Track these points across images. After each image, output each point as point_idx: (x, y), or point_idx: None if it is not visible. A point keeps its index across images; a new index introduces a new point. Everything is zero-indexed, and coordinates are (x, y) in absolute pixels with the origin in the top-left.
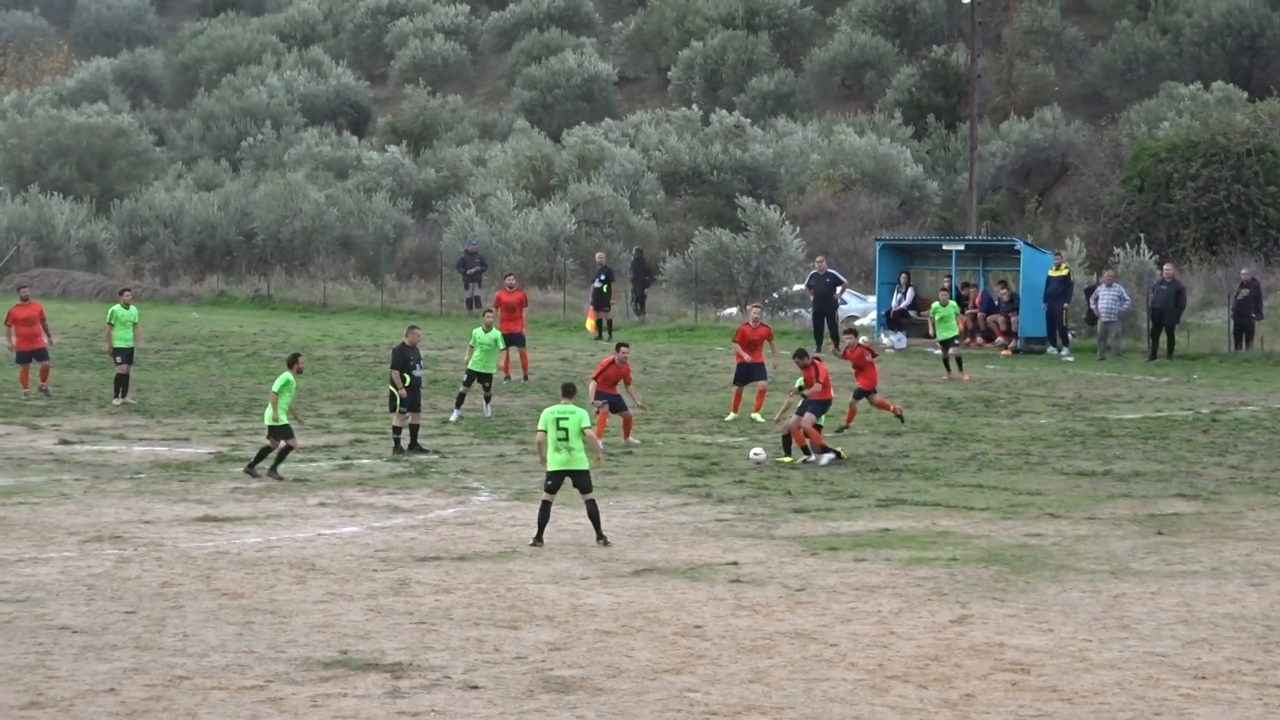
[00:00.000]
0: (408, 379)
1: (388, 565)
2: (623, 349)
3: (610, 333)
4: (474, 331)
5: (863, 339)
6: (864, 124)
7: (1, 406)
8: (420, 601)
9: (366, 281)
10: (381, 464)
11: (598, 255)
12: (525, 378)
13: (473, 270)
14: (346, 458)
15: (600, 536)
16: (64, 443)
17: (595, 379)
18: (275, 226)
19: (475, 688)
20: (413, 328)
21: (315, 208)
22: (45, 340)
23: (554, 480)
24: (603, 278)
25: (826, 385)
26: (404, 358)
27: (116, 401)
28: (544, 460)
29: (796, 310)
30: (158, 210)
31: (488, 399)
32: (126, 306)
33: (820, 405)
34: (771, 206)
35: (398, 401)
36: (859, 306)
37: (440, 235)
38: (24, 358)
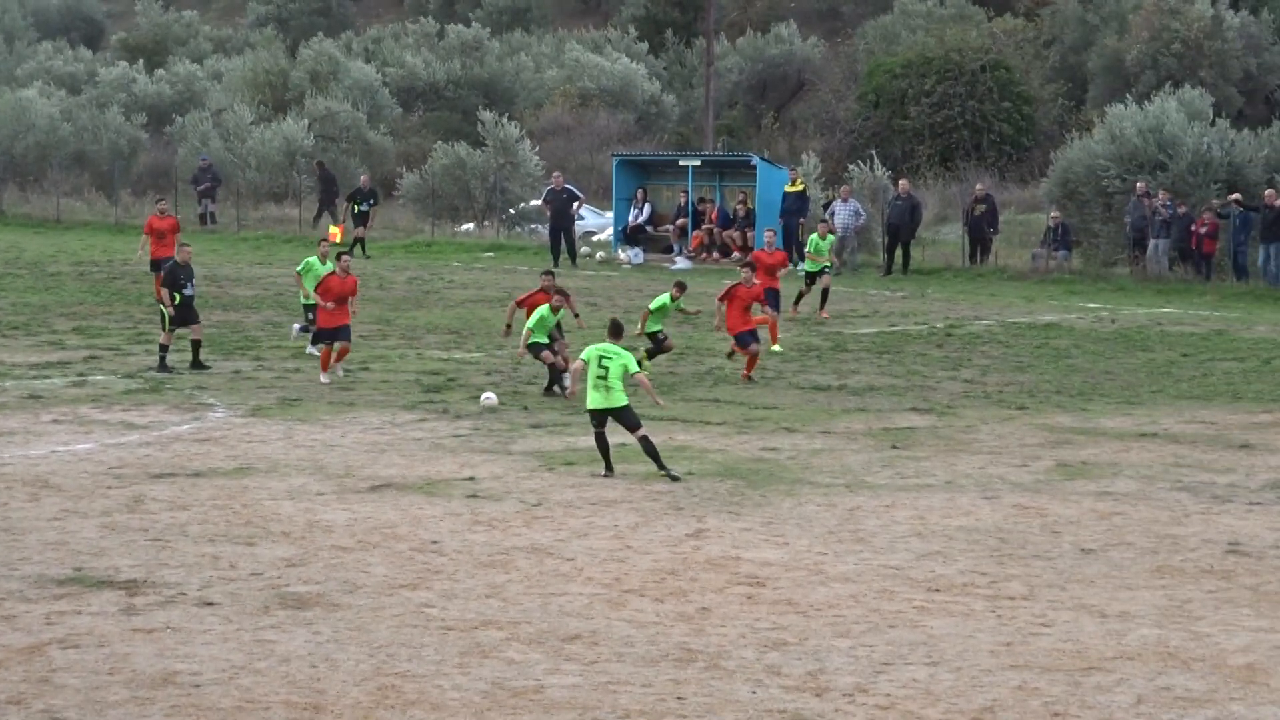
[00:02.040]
0: (178, 297)
1: (122, 482)
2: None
3: (364, 251)
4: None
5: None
6: (600, 40)
7: None
8: (155, 518)
9: (101, 197)
10: (115, 380)
11: (362, 178)
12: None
13: (205, 186)
14: (80, 374)
15: (663, 469)
16: None
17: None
18: (8, 142)
19: (211, 604)
20: (183, 245)
21: (48, 123)
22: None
23: (597, 419)
24: (370, 201)
25: None
26: (174, 276)
27: None
28: (573, 387)
29: (533, 226)
30: None
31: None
32: None
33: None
34: (510, 122)
35: (166, 320)
36: (596, 222)
37: (175, 151)
38: (156, 266)
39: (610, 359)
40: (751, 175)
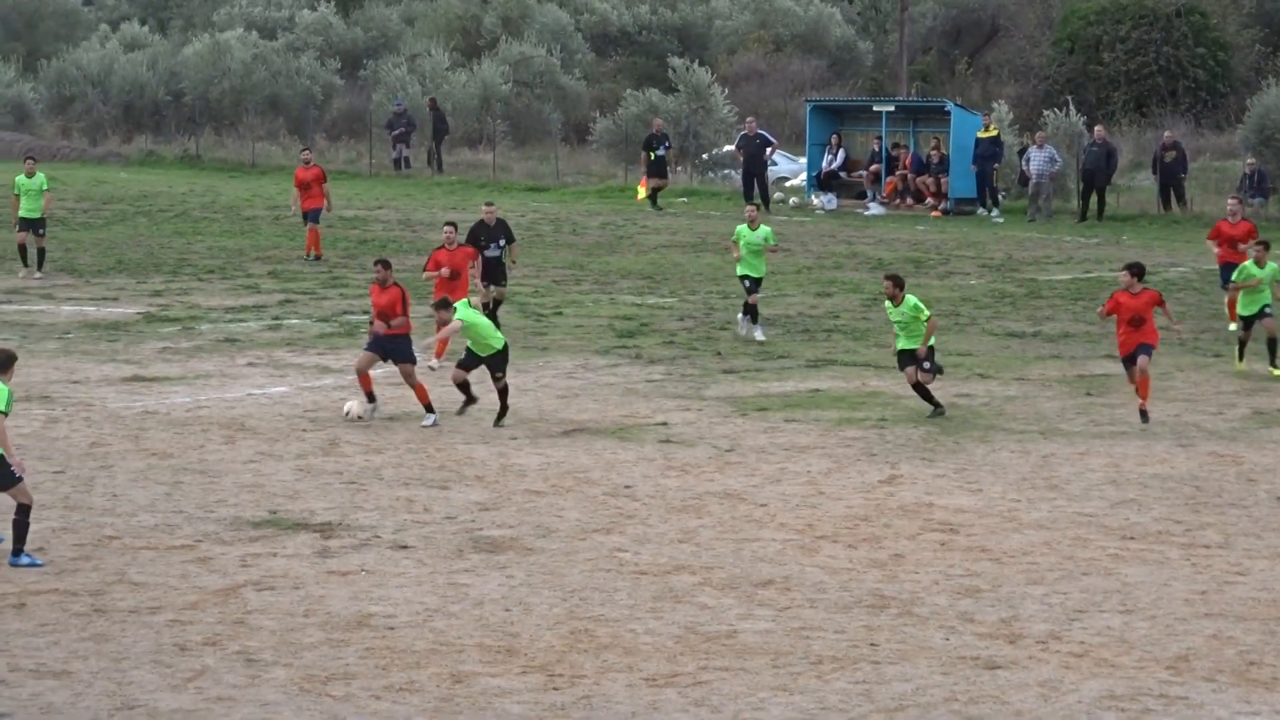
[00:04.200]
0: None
1: (317, 425)
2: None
3: (655, 203)
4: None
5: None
6: None
7: None
8: (350, 461)
9: (295, 142)
10: (310, 324)
11: (655, 122)
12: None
13: (399, 131)
14: (276, 318)
15: (935, 407)
16: None
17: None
18: (204, 86)
19: (405, 547)
20: (488, 205)
21: (244, 67)
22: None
23: (901, 360)
24: (666, 144)
25: None
26: (476, 235)
27: (21, 274)
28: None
29: (726, 171)
30: (86, 70)
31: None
32: (30, 175)
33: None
34: (702, 68)
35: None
36: (789, 168)
37: (369, 95)
38: (307, 218)
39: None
40: (945, 121)
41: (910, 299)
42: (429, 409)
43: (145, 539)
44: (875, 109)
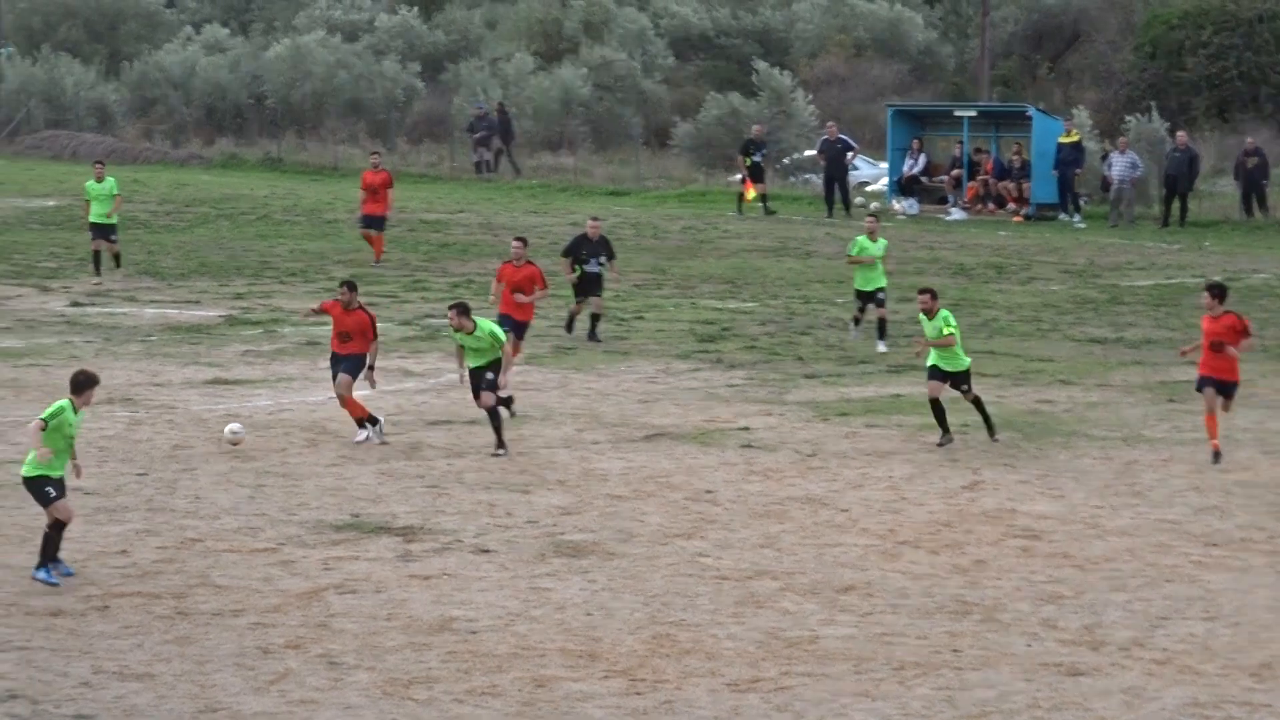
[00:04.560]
0: (579, 270)
1: (399, 429)
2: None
3: (766, 207)
4: None
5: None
6: None
7: (13, 269)
8: (431, 465)
9: (377, 144)
10: (392, 327)
11: (754, 128)
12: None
13: (481, 134)
14: None
15: (990, 430)
16: (75, 304)
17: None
18: (285, 89)
19: (487, 551)
20: (594, 220)
21: (325, 70)
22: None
23: (931, 374)
24: (764, 150)
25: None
26: (576, 248)
27: (93, 282)
28: (920, 354)
29: (807, 176)
30: (168, 72)
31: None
32: (100, 180)
33: None
34: (783, 72)
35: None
36: (870, 172)
37: (450, 99)
38: (368, 222)
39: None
40: (1027, 126)
41: (943, 312)
42: (361, 423)
43: (228, 542)
44: (957, 114)
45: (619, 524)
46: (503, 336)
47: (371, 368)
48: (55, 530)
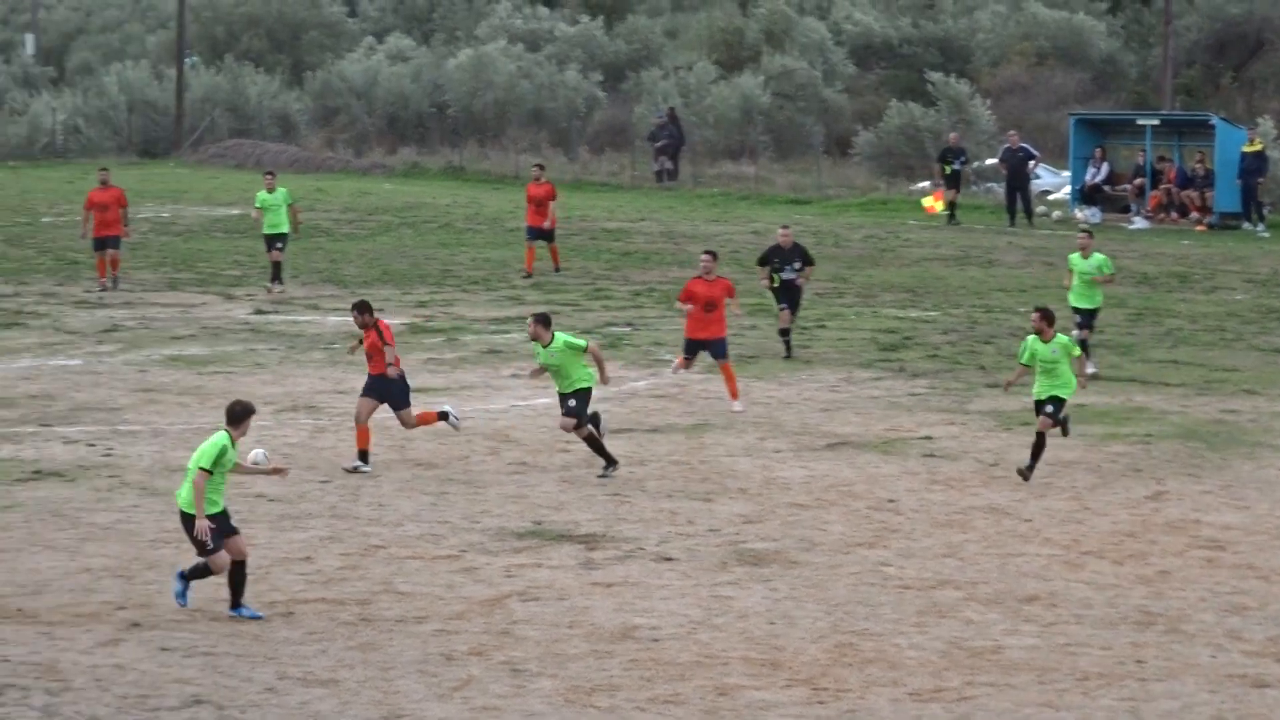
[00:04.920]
0: (776, 279)
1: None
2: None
3: (953, 216)
4: None
5: None
6: None
7: (197, 277)
8: (613, 473)
9: (559, 153)
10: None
11: (950, 135)
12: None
13: (662, 143)
14: (520, 329)
15: (1032, 463)
16: (259, 312)
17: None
18: (467, 99)
19: (669, 559)
20: (784, 228)
21: (507, 80)
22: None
23: (1040, 408)
24: (962, 159)
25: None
26: (770, 257)
27: (276, 288)
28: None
29: (989, 185)
30: (350, 82)
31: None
32: (271, 190)
33: None
34: (961, 80)
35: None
36: (1052, 181)
37: (631, 108)
38: (535, 234)
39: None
40: (1210, 135)
41: (1061, 337)
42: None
43: (411, 548)
44: (1139, 123)
45: (801, 533)
46: (582, 344)
47: (392, 363)
48: (237, 569)
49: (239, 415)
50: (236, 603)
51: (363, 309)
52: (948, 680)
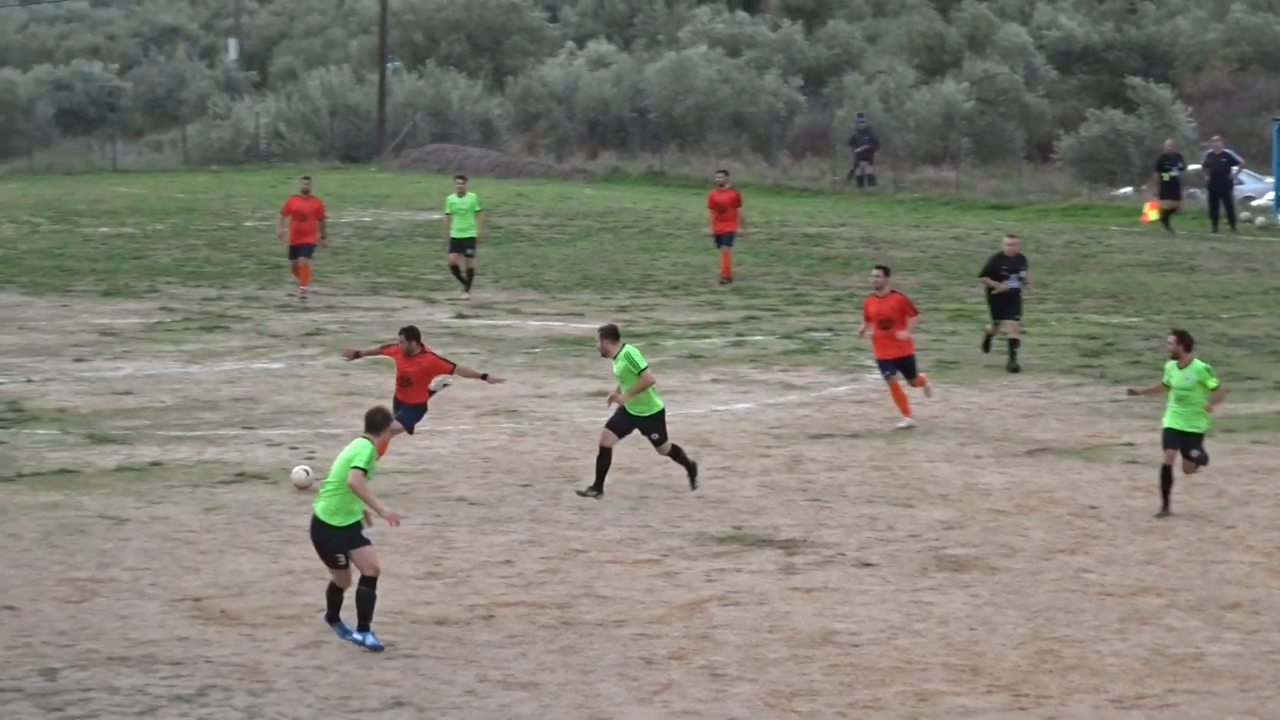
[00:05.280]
0: (996, 289)
1: (781, 442)
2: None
3: (1167, 224)
4: None
5: None
6: (1261, 0)
7: (399, 281)
8: (813, 479)
9: (759, 158)
10: (774, 340)
11: (1167, 142)
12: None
13: (863, 148)
14: (739, 334)
15: (1164, 504)
16: (460, 316)
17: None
18: (668, 104)
19: (869, 565)
20: (1010, 237)
21: (708, 85)
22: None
23: (1167, 438)
24: (1180, 165)
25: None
26: (995, 265)
27: (463, 295)
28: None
29: (1191, 190)
30: (551, 87)
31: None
32: (461, 194)
33: None
34: (1163, 85)
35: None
36: (1255, 187)
37: (832, 112)
38: (719, 240)
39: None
40: None
41: (1198, 363)
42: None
43: (611, 553)
44: None
45: (1001, 539)
46: (641, 362)
47: (485, 376)
48: (368, 585)
49: (379, 422)
50: (363, 626)
51: (411, 335)
52: (1149, 687)
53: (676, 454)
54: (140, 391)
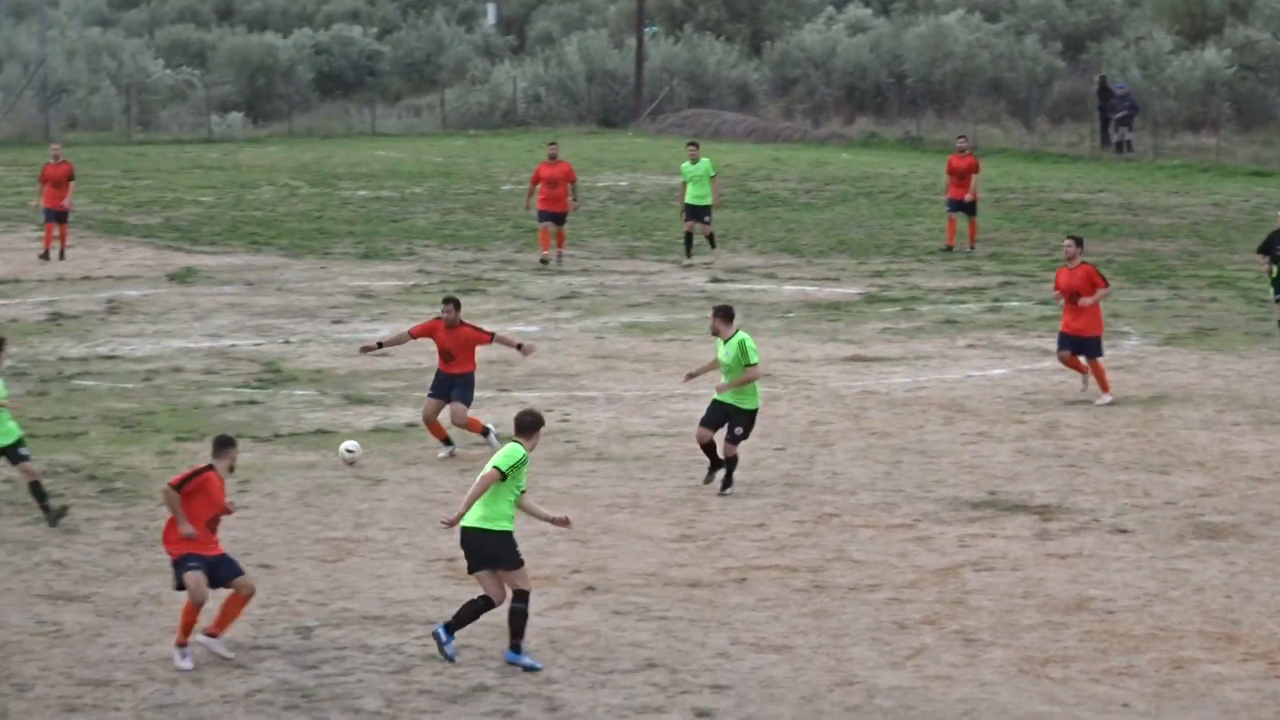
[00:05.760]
0: (1275, 270)
1: (1036, 408)
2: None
3: None
4: None
5: None
6: None
7: (654, 245)
8: (1069, 445)
9: (1017, 124)
10: (1029, 306)
11: None
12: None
13: (1122, 114)
14: (996, 300)
15: None
16: (715, 280)
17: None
18: (925, 69)
19: (1124, 531)
20: None
21: (966, 50)
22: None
23: None
24: None
25: None
26: (1272, 243)
27: (684, 263)
28: None
29: None
30: (809, 52)
31: None
32: (694, 161)
33: None
34: None
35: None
36: None
37: (1091, 78)
38: (953, 206)
39: None
40: None
41: None
42: (485, 432)
43: (864, 517)
44: None
45: (1260, 506)
46: (754, 357)
47: (520, 346)
48: (521, 601)
49: (530, 425)
50: (515, 645)
51: (456, 305)
52: None
53: (733, 463)
54: (396, 353)
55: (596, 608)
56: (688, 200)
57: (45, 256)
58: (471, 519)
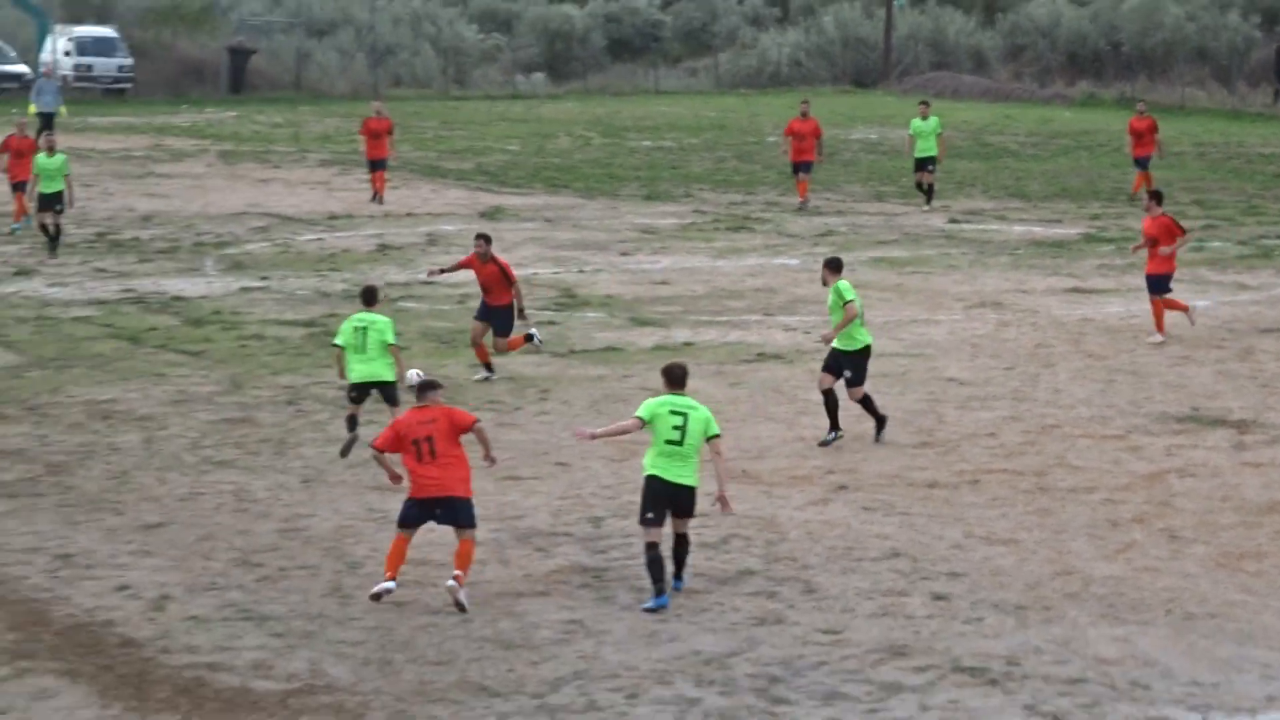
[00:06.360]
0: None
1: (1234, 335)
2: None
3: None
4: None
5: None
6: None
7: (900, 190)
8: (1263, 367)
9: (1219, 87)
10: (1229, 246)
11: None
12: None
13: None
14: (1199, 241)
15: None
16: (953, 221)
17: None
18: (1139, 38)
19: None
20: None
21: (1175, 21)
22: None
23: None
24: None
25: None
26: None
27: (924, 209)
28: None
29: None
30: (1036, 22)
31: None
32: (924, 119)
33: None
34: None
35: None
36: None
37: None
38: (1140, 163)
39: None
40: None
41: None
42: (488, 366)
43: (1082, 428)
44: None
45: None
46: (849, 294)
47: (521, 311)
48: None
49: (679, 377)
50: (678, 573)
51: (488, 240)
52: None
53: (867, 403)
54: (675, 282)
55: (848, 504)
56: (916, 154)
57: (375, 199)
58: (683, 476)
